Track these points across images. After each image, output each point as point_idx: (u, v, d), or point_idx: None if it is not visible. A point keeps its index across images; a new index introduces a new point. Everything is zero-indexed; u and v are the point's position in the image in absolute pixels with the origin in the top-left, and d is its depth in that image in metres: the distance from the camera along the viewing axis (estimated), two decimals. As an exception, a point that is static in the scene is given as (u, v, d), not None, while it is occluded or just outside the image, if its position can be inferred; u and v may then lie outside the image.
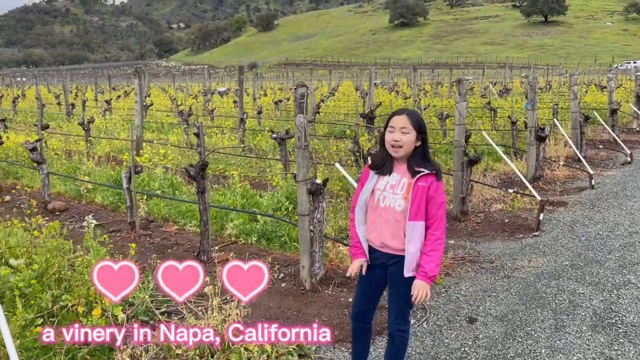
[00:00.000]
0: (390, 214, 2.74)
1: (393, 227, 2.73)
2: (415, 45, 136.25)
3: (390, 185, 2.76)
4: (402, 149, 2.69)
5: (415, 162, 2.72)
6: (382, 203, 2.76)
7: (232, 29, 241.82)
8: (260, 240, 5.62)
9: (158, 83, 52.41)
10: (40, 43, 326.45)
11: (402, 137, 2.68)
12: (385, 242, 2.77)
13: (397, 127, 2.69)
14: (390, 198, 2.74)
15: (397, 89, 29.12)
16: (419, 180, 2.67)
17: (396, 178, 2.75)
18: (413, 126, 2.69)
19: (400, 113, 2.76)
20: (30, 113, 19.45)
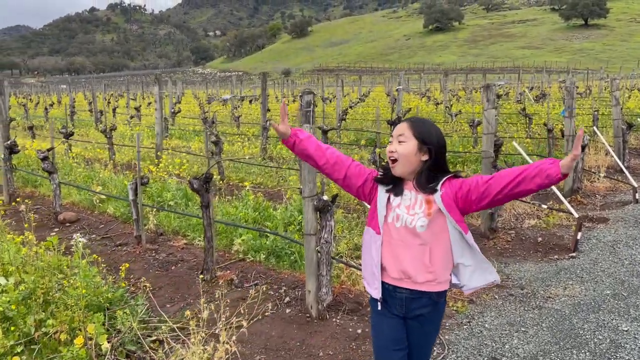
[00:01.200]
0: (410, 237, 2.19)
1: (415, 252, 2.19)
2: (450, 50, 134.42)
3: (405, 205, 2.22)
4: (399, 163, 2.18)
5: (426, 179, 2.18)
6: (396, 222, 2.22)
7: (267, 36, 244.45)
8: (269, 257, 5.25)
9: (193, 90, 53.03)
10: (82, 51, 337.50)
11: (397, 147, 2.18)
12: (405, 270, 2.21)
13: (395, 135, 2.22)
14: (407, 217, 2.19)
15: (429, 94, 28.45)
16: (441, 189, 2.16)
17: (409, 196, 2.22)
18: (413, 133, 2.17)
19: (403, 120, 2.28)
20: (62, 120, 19.69)
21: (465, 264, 2.25)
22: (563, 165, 1.98)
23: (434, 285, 2.22)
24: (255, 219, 6.11)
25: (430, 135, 2.20)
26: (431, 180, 2.19)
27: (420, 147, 2.18)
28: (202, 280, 4.84)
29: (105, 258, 5.59)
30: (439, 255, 2.21)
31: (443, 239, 2.20)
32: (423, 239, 2.19)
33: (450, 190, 2.17)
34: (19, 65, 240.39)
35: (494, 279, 2.28)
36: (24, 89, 67.11)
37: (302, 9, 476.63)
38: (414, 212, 2.20)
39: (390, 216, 2.26)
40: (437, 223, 2.18)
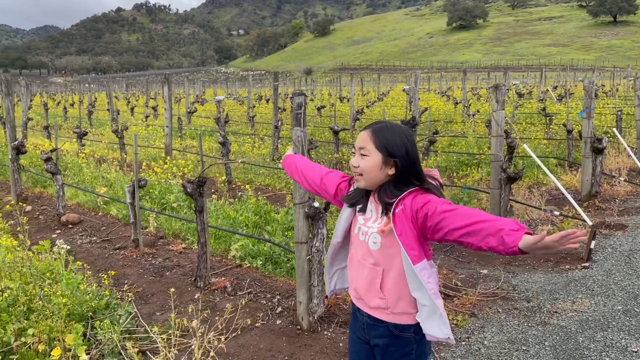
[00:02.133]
0: (367, 254, 1.96)
1: (369, 272, 1.96)
2: (474, 48, 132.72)
3: (365, 217, 2.00)
4: (363, 178, 1.93)
5: (386, 193, 1.90)
6: (360, 236, 2.00)
7: (289, 35, 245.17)
8: (266, 264, 5.09)
9: (214, 89, 53.29)
10: (109, 51, 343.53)
11: (360, 161, 1.92)
12: (359, 291, 2.04)
13: (357, 147, 1.95)
14: (365, 231, 1.98)
15: (449, 93, 27.99)
16: (397, 207, 1.86)
17: (372, 207, 1.99)
18: (376, 145, 1.89)
19: (367, 128, 1.97)
20: (81, 120, 19.89)
21: (421, 301, 1.89)
22: (525, 241, 1.58)
23: (388, 314, 1.96)
24: (256, 222, 5.96)
25: (396, 147, 1.88)
26: (394, 194, 1.89)
27: (385, 161, 1.89)
28: (195, 287, 4.72)
29: (102, 262, 5.51)
30: (391, 282, 1.93)
31: (397, 263, 1.91)
32: (375, 259, 1.95)
33: (411, 207, 1.84)
34: (47, 64, 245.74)
35: (447, 335, 1.89)
36: (50, 89, 68.39)
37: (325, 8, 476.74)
38: (370, 225, 1.97)
39: (356, 227, 2.05)
40: (392, 244, 1.90)
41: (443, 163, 9.18)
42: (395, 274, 1.92)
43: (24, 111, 15.33)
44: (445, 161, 9.34)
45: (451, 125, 14.51)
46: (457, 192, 7.14)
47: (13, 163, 7.74)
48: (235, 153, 10.72)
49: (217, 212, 6.40)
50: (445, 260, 5.28)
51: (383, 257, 1.93)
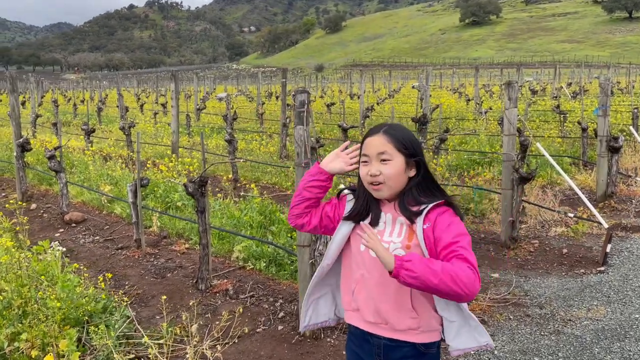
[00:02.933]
0: (386, 272, 1.69)
1: (395, 292, 1.76)
2: (487, 45, 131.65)
3: (379, 230, 1.80)
4: (386, 186, 1.75)
5: (411, 198, 1.75)
6: (371, 252, 1.76)
7: (301, 32, 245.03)
8: (270, 266, 4.96)
9: (225, 85, 53.28)
10: (121, 48, 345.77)
11: (382, 168, 1.74)
12: (382, 313, 1.80)
13: (373, 154, 1.76)
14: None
15: (461, 90, 27.67)
16: (425, 222, 1.71)
17: (384, 219, 1.81)
18: (396, 147, 1.74)
19: (375, 132, 1.80)
20: (91, 116, 19.90)
21: (450, 318, 1.80)
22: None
23: (418, 334, 1.80)
24: (260, 222, 5.83)
25: (414, 144, 1.77)
26: (418, 201, 1.75)
27: (407, 162, 1.76)
28: (196, 290, 4.61)
29: (104, 262, 5.42)
30: (421, 299, 1.78)
31: None
32: None
33: (437, 223, 1.71)
34: (60, 61, 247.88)
35: (487, 341, 1.81)
36: (63, 85, 68.86)
37: (337, 4, 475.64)
38: (389, 239, 1.77)
39: (362, 244, 1.81)
40: None
41: (454, 162, 8.98)
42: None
43: (33, 108, 15.35)
44: (456, 160, 9.15)
45: (463, 123, 14.28)
46: (467, 192, 6.95)
47: (18, 160, 7.69)
48: (242, 151, 10.61)
49: (222, 212, 6.29)
50: (454, 263, 5.10)
51: None
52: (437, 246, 1.68)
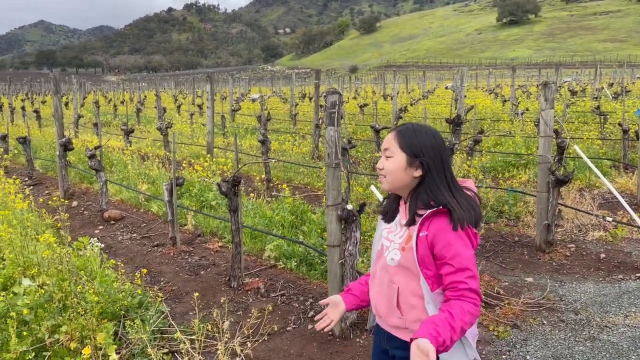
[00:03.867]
0: (385, 270, 1.88)
1: (387, 290, 1.86)
2: (525, 44, 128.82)
3: (389, 230, 1.91)
4: (386, 180, 1.84)
5: (418, 201, 1.78)
6: (384, 251, 1.90)
7: (335, 33, 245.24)
8: (300, 265, 5.00)
9: (259, 87, 53.81)
10: (160, 50, 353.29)
11: (385, 163, 1.83)
12: (378, 310, 1.93)
13: (382, 148, 1.88)
14: (387, 246, 1.89)
15: (497, 90, 27.17)
16: (422, 227, 1.74)
17: (397, 220, 1.90)
18: (401, 146, 1.79)
19: (391, 130, 1.91)
20: (130, 117, 20.43)
21: None
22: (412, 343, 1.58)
23: (407, 333, 1.83)
24: (292, 222, 5.89)
25: (423, 146, 1.78)
26: (424, 203, 1.77)
27: (410, 162, 1.79)
28: (229, 288, 4.69)
29: (140, 259, 5.57)
30: (408, 301, 1.81)
31: (414, 284, 1.80)
32: (391, 276, 1.85)
33: (434, 232, 1.73)
34: (102, 63, 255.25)
35: (474, 356, 1.80)
36: (104, 87, 70.85)
37: (371, 5, 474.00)
38: (392, 239, 1.88)
39: (380, 242, 1.96)
40: (410, 264, 1.79)
41: (488, 163, 8.85)
42: (412, 294, 1.81)
43: (76, 109, 15.87)
44: (490, 161, 9.01)
45: (498, 124, 14.03)
46: (502, 195, 6.84)
47: (61, 159, 7.97)
48: (275, 151, 10.71)
49: (255, 211, 6.37)
50: (487, 266, 5.04)
51: (399, 275, 1.83)
52: (438, 262, 1.73)
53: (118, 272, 4.00)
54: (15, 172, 10.32)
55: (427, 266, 1.75)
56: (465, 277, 1.68)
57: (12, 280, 4.18)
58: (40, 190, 8.98)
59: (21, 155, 11.05)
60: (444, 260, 1.71)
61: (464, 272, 1.68)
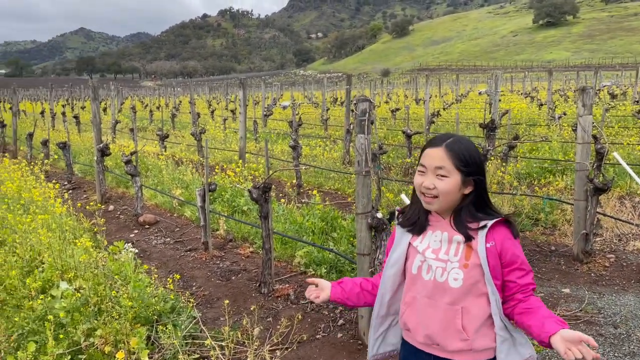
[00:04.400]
0: (440, 293, 1.75)
1: (444, 313, 1.74)
2: (563, 46, 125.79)
3: (433, 249, 1.78)
4: (439, 201, 1.74)
5: (468, 215, 1.75)
6: (425, 274, 1.79)
7: (367, 37, 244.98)
8: (330, 272, 4.99)
9: (291, 91, 54.15)
10: (195, 56, 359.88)
11: (436, 182, 1.73)
12: (432, 336, 1.77)
13: (430, 167, 1.74)
14: (436, 266, 1.76)
15: (533, 94, 26.58)
16: (487, 241, 1.70)
17: (439, 237, 1.79)
18: (455, 164, 1.71)
19: (436, 144, 1.76)
20: (165, 122, 20.85)
21: (504, 336, 1.75)
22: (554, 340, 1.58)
23: (471, 355, 1.76)
24: (322, 229, 5.88)
25: (474, 163, 1.74)
26: (476, 218, 1.74)
27: (464, 180, 1.74)
28: (259, 294, 4.71)
29: (174, 263, 5.66)
30: (474, 320, 1.73)
31: (480, 300, 1.73)
32: (454, 297, 1.73)
33: (501, 246, 1.71)
34: (139, 69, 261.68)
35: (530, 353, 1.77)
36: (141, 92, 72.56)
37: (404, 8, 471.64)
38: (446, 258, 1.75)
39: (414, 265, 1.82)
40: (476, 280, 1.72)
41: (523, 170, 8.65)
42: (479, 311, 1.73)
43: (113, 114, 16.28)
44: (525, 168, 8.81)
45: (534, 129, 13.73)
46: (537, 202, 6.67)
47: (98, 164, 8.18)
48: (306, 156, 10.74)
49: (285, 217, 6.40)
50: (521, 276, 4.91)
51: (465, 295, 1.72)
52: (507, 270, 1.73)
53: (151, 277, 4.08)
54: (55, 176, 10.66)
55: (497, 276, 1.72)
56: (531, 278, 1.75)
57: (51, 284, 4.31)
58: (79, 194, 9.23)
59: (61, 160, 11.41)
60: (515, 266, 1.73)
61: (531, 273, 1.76)
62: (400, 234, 1.90)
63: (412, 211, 1.88)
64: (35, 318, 3.78)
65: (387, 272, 1.90)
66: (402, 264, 1.86)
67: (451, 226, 1.78)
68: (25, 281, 4.19)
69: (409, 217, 1.88)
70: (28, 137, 11.96)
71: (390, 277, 1.89)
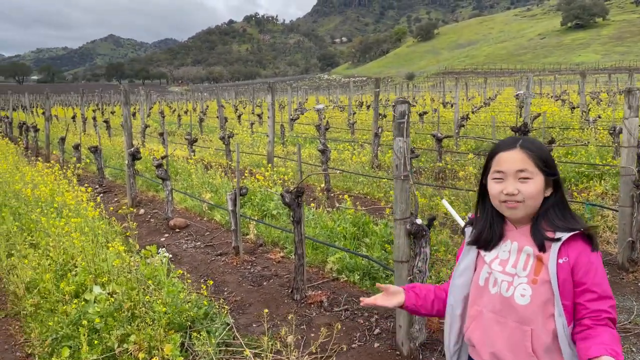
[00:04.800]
0: (507, 309, 1.60)
1: (512, 332, 1.59)
2: (592, 49, 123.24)
3: (501, 260, 1.65)
4: (523, 205, 1.60)
5: (547, 222, 1.60)
6: (491, 287, 1.65)
7: (392, 41, 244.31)
8: (364, 279, 4.87)
9: (316, 96, 54.23)
10: (221, 61, 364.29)
11: (520, 186, 1.59)
12: (499, 355, 1.63)
13: (510, 171, 1.60)
14: (502, 280, 1.61)
15: (564, 97, 26.01)
16: (560, 256, 1.54)
17: (509, 247, 1.64)
18: (537, 164, 1.59)
19: (510, 146, 1.63)
20: (193, 126, 21.02)
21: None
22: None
23: None
24: (354, 234, 5.77)
25: (553, 163, 1.64)
26: (555, 226, 1.58)
27: (547, 182, 1.62)
28: (292, 300, 4.62)
29: (204, 268, 5.62)
30: (544, 343, 1.56)
31: (550, 322, 1.56)
32: (522, 316, 1.57)
33: (574, 257, 1.54)
34: (166, 75, 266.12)
35: None
36: (168, 97, 73.63)
37: (429, 12, 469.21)
38: (513, 272, 1.61)
39: (481, 276, 1.68)
40: (543, 295, 1.56)
41: (560, 174, 8.39)
42: (547, 334, 1.56)
43: (143, 119, 16.47)
44: (562, 172, 8.54)
45: (567, 133, 13.37)
46: (575, 208, 6.44)
47: (129, 168, 8.23)
48: (334, 160, 10.64)
49: (315, 221, 6.31)
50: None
51: (534, 314, 1.56)
52: (577, 290, 1.54)
53: (184, 282, 4.03)
54: (87, 179, 10.79)
55: (566, 297, 1.54)
56: (608, 306, 1.53)
57: (84, 287, 4.30)
58: (110, 197, 9.31)
59: (92, 164, 11.56)
60: (585, 287, 1.53)
61: (607, 300, 1.53)
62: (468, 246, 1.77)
63: (482, 225, 1.72)
64: (69, 323, 3.77)
65: (456, 280, 1.77)
66: (471, 274, 1.73)
67: (524, 235, 1.63)
68: (59, 285, 4.19)
69: (484, 236, 1.70)
70: (60, 142, 12.16)
71: (459, 287, 1.75)
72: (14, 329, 4.16)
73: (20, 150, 13.50)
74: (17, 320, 4.35)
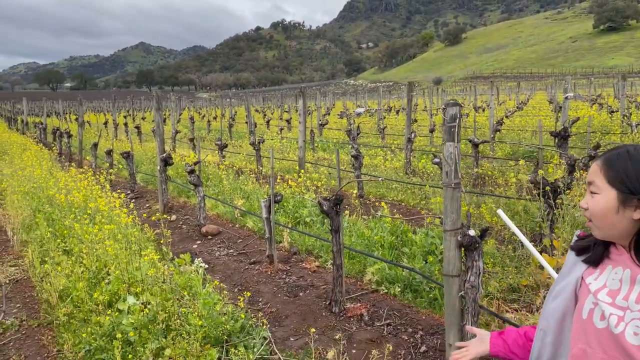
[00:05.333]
0: (615, 348, 1.35)
1: None
2: (625, 52, 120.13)
3: (610, 290, 1.39)
4: (593, 225, 1.43)
5: None
6: (598, 321, 1.39)
7: (419, 45, 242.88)
8: (405, 291, 4.64)
9: (343, 101, 54.10)
10: (248, 67, 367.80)
11: (589, 201, 1.43)
12: None
13: (587, 183, 1.46)
14: (610, 313, 1.37)
15: (600, 101, 25.22)
16: None
17: (620, 275, 1.39)
18: (609, 180, 1.38)
19: (598, 156, 1.47)
20: (222, 132, 21.09)
21: None
22: None
23: None
24: (392, 243, 5.54)
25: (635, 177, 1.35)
26: None
27: (623, 199, 1.35)
28: (330, 312, 4.42)
29: (238, 276, 5.47)
30: None
31: None
32: (634, 358, 1.30)
33: None
34: (195, 81, 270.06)
35: None
36: (197, 103, 74.48)
37: (457, 16, 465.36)
38: (624, 305, 1.35)
39: (586, 307, 1.43)
40: None
41: None
42: None
43: (173, 124, 16.55)
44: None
45: (608, 137, 12.87)
46: None
47: (161, 174, 8.17)
48: (366, 166, 10.43)
49: (350, 229, 6.10)
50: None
51: None
52: None
53: (221, 294, 3.87)
54: (118, 185, 10.81)
55: None
56: None
57: (117, 296, 4.19)
58: (141, 203, 9.28)
59: (124, 170, 11.59)
60: None
61: None
62: (573, 261, 1.53)
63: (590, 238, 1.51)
64: (102, 334, 3.64)
65: (550, 305, 1.52)
66: (569, 296, 1.48)
67: (634, 262, 1.37)
68: (92, 294, 4.08)
69: (584, 245, 1.51)
70: (93, 147, 12.24)
71: (552, 311, 1.50)
72: (47, 339, 4.06)
73: (54, 156, 13.66)
74: (50, 329, 4.26)
